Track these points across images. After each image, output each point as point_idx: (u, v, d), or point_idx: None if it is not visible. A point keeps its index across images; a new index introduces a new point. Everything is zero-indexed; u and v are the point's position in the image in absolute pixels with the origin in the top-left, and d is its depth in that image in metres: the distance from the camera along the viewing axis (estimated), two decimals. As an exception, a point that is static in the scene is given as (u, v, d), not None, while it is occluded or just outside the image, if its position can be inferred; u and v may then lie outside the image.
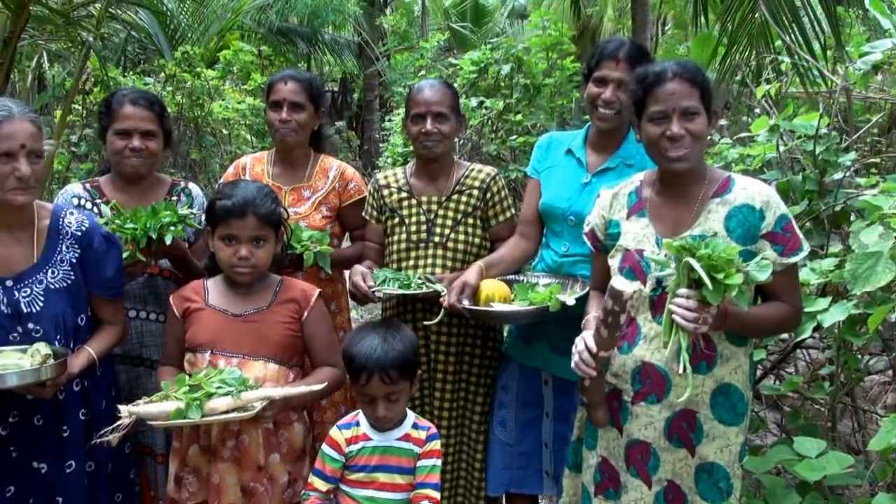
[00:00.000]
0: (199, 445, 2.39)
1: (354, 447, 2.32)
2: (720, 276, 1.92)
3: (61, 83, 6.99)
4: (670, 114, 2.14)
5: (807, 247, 2.17)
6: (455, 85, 5.07)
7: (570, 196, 2.75)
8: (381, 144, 10.34)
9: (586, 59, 2.78)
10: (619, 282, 2.06)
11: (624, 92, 2.58)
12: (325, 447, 2.35)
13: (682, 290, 1.99)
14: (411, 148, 6.85)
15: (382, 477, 2.30)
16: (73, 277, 2.36)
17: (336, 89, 19.71)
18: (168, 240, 2.57)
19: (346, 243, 3.39)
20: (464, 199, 2.95)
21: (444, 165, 2.99)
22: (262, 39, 12.95)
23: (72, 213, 2.42)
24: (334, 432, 2.36)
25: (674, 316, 2.01)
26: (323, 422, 3.00)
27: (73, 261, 2.37)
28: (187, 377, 2.28)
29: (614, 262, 2.31)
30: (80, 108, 6.82)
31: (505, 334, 3.06)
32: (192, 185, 3.03)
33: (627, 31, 15.36)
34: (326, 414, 3.05)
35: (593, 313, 2.39)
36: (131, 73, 7.37)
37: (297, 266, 2.79)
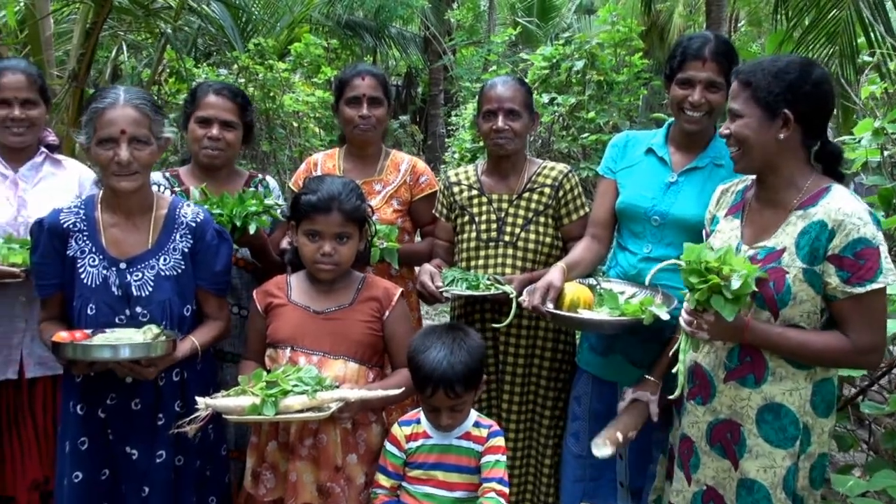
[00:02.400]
0: (277, 442, 2.38)
1: (414, 444, 2.29)
2: (696, 280, 1.93)
3: (136, 74, 7.12)
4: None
5: (888, 278, 1.97)
6: (526, 80, 4.96)
7: (653, 195, 2.64)
8: (446, 139, 10.31)
9: (667, 58, 2.66)
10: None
11: (714, 93, 2.50)
12: (386, 444, 2.34)
13: (687, 294, 2.03)
14: (480, 144, 6.84)
15: (440, 475, 2.27)
16: (183, 267, 2.39)
17: (400, 83, 19.78)
18: (252, 229, 2.58)
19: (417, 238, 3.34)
20: (535, 197, 2.89)
21: (515, 163, 2.93)
22: (329, 33, 13.04)
23: (188, 205, 2.46)
24: (395, 429, 2.34)
25: (680, 320, 2.09)
26: (390, 423, 2.96)
27: (185, 251, 2.40)
28: (265, 373, 2.26)
29: None
30: (156, 98, 6.95)
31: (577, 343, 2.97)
32: (269, 178, 3.04)
33: (699, 28, 15.02)
34: (393, 415, 3.01)
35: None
36: (204, 64, 7.46)
37: (364, 261, 2.76)
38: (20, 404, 2.77)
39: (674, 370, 2.14)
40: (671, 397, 2.19)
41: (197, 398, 2.17)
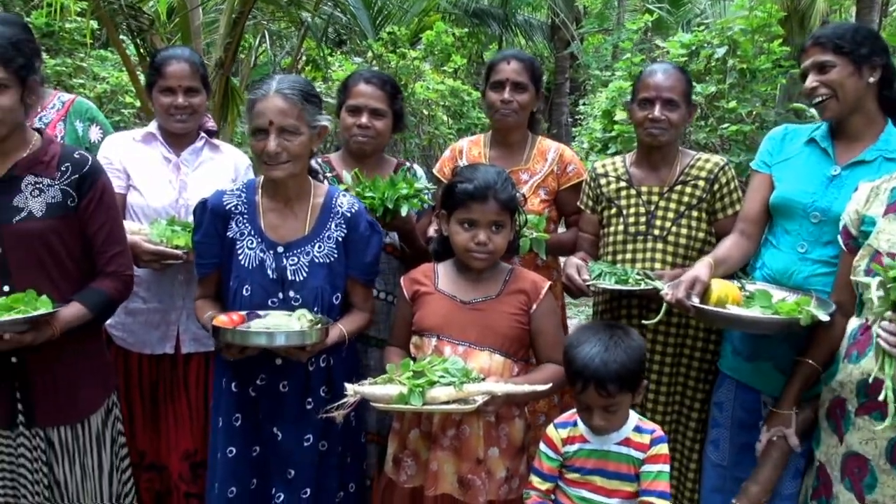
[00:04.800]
0: (419, 430, 2.39)
1: (571, 448, 2.22)
2: None
3: (276, 62, 7.34)
4: None
5: None
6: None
7: (813, 190, 2.48)
8: (573, 129, 10.14)
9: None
10: None
11: (826, 72, 2.39)
12: (542, 445, 2.28)
13: (888, 314, 1.89)
14: (612, 133, 6.68)
15: (598, 480, 2.20)
16: (336, 255, 2.43)
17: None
18: (404, 211, 2.61)
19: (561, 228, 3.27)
20: (688, 190, 2.77)
21: (667, 154, 2.83)
22: (455, 21, 13.06)
23: (344, 196, 2.50)
24: (551, 431, 2.28)
25: (879, 340, 1.91)
26: (535, 410, 2.93)
27: (339, 239, 2.44)
28: (412, 362, 2.26)
29: (861, 264, 2.10)
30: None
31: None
32: (416, 167, 3.06)
33: (844, 13, 14.16)
34: (539, 403, 2.96)
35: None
36: (338, 52, 7.63)
37: (513, 251, 2.72)
38: (175, 379, 2.91)
39: (880, 398, 1.95)
40: (887, 423, 1.97)
41: (346, 385, 2.19)
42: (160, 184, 2.88)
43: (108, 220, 2.37)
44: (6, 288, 2.24)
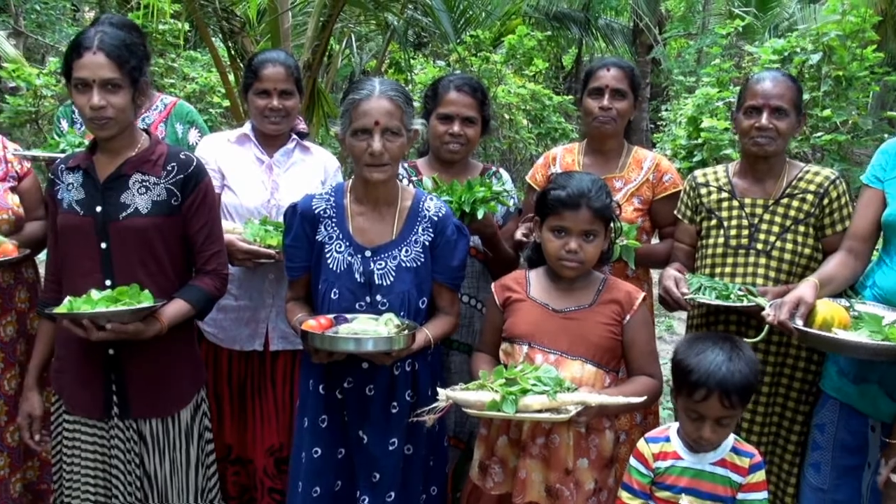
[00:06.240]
0: (507, 437, 2.36)
1: (662, 464, 2.15)
2: None
3: (360, 65, 7.42)
4: None
5: None
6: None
7: None
8: (653, 135, 9.94)
9: None
10: None
11: None
12: (632, 460, 2.21)
13: None
14: (698, 140, 6.52)
15: (691, 500, 2.11)
16: (423, 259, 2.42)
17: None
18: (480, 214, 2.58)
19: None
20: (795, 203, 2.66)
21: (773, 165, 2.71)
22: (535, 24, 12.99)
23: (431, 199, 2.49)
24: (641, 445, 2.21)
25: None
26: (616, 428, 2.85)
27: (426, 244, 2.43)
28: (504, 369, 2.23)
29: None
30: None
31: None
32: (502, 171, 3.03)
33: (945, 17, 13.50)
34: (621, 420, 2.89)
35: None
36: (419, 56, 7.67)
37: (605, 260, 2.66)
38: (263, 375, 2.95)
39: None
40: None
41: (439, 389, 2.18)
42: (253, 184, 2.92)
43: (209, 220, 2.43)
44: (108, 283, 2.31)
